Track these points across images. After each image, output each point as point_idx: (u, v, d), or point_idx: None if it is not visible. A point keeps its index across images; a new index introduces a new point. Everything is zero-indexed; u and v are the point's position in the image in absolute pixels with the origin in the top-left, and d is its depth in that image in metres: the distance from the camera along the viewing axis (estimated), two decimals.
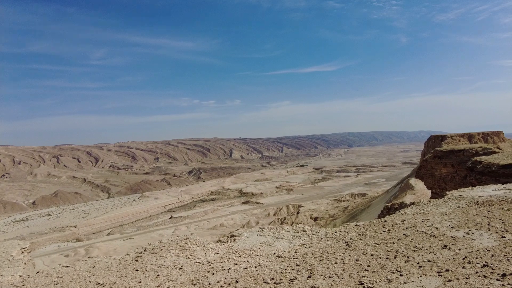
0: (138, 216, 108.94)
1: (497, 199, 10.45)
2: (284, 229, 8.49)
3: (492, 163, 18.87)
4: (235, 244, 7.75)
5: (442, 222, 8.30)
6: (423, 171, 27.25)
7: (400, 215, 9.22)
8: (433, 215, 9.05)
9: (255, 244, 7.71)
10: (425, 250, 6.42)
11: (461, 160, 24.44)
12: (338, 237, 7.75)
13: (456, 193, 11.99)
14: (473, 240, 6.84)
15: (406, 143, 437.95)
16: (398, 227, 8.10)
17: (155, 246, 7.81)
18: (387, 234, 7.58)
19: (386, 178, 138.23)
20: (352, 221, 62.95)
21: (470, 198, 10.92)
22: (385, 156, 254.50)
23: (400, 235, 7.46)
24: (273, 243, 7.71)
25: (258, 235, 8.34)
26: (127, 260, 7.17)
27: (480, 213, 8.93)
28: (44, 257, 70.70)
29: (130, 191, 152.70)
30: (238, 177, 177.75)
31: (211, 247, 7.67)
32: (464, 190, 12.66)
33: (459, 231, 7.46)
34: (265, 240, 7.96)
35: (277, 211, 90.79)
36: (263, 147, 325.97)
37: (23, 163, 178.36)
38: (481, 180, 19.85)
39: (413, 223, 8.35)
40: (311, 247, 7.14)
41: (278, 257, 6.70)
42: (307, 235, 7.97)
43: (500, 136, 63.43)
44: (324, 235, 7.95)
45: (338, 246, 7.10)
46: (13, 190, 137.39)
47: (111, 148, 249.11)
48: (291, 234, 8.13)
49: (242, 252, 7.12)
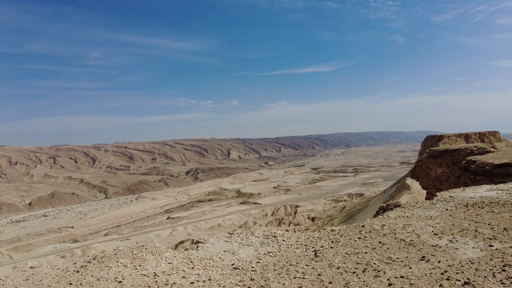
0: (136, 217, 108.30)
1: (488, 200, 9.92)
2: (255, 234, 7.99)
3: (486, 163, 18.32)
4: (195, 253, 7.29)
5: (425, 227, 7.68)
6: (418, 171, 26.81)
7: (381, 219, 8.63)
8: (417, 219, 8.43)
9: (218, 252, 7.22)
10: (399, 262, 5.71)
11: (456, 160, 23.97)
12: (309, 244, 7.20)
13: (447, 194, 11.46)
14: (456, 250, 6.17)
15: (403, 143, 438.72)
16: (376, 233, 7.46)
17: (106, 254, 7.26)
18: (362, 242, 6.95)
19: (383, 178, 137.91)
20: (350, 221, 62.48)
21: (460, 200, 10.36)
22: (383, 156, 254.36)
23: (376, 243, 6.81)
24: (237, 251, 7.23)
25: (224, 242, 7.93)
26: (68, 271, 6.59)
27: (468, 216, 8.34)
28: (40, 258, 70.07)
29: (128, 192, 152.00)
30: (235, 178, 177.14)
31: (167, 256, 7.14)
32: (455, 191, 12.23)
33: (442, 239, 6.83)
34: (230, 247, 7.51)
35: (275, 212, 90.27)
36: (261, 147, 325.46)
37: (20, 164, 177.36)
38: (475, 180, 19.30)
39: (393, 228, 7.72)
40: (277, 256, 6.60)
41: (234, 269, 6.12)
42: (277, 241, 7.50)
43: (497, 136, 63.18)
44: (295, 241, 7.45)
45: (305, 255, 6.51)
46: (9, 191, 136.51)
47: (108, 148, 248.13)
48: (260, 240, 7.69)
49: (198, 262, 6.55)
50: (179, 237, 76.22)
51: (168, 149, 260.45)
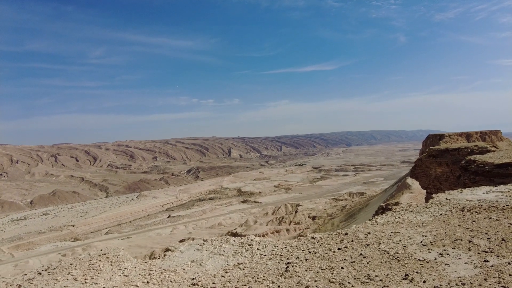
0: (136, 215, 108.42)
1: (486, 204, 9.26)
2: (230, 242, 7.53)
3: (486, 162, 17.64)
4: (159, 263, 6.74)
5: (414, 236, 6.96)
6: (418, 171, 26.18)
7: (367, 226, 8.03)
8: (407, 226, 7.74)
9: (184, 262, 6.71)
10: (378, 281, 5.01)
11: (456, 159, 23.41)
12: (284, 254, 6.63)
13: (443, 196, 10.86)
14: (446, 266, 5.41)
15: (404, 142, 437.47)
16: (359, 243, 6.81)
17: (62, 264, 6.77)
18: (341, 254, 6.30)
19: (384, 177, 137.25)
20: (350, 220, 61.93)
21: (457, 203, 9.71)
22: (384, 155, 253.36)
23: (356, 256, 6.13)
24: (206, 261, 6.72)
25: (195, 250, 7.43)
26: (12, 285, 6.00)
27: (463, 223, 7.65)
28: (41, 256, 70.21)
29: (128, 190, 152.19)
30: (236, 176, 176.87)
31: (126, 267, 6.64)
32: (452, 192, 11.72)
33: (431, 251, 6.08)
34: (199, 257, 7.00)
35: (276, 210, 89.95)
36: (261, 146, 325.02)
37: (21, 162, 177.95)
38: (474, 180, 18.64)
39: (379, 237, 7.04)
40: (246, 269, 6.05)
41: (193, 285, 5.60)
42: (251, 251, 7.03)
43: (498, 135, 62.48)
44: (270, 251, 6.91)
45: (276, 269, 5.93)
46: (10, 189, 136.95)
47: (109, 147, 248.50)
48: (234, 249, 7.29)
49: (157, 276, 6.01)
50: (179, 236, 76.10)
51: (169, 148, 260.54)
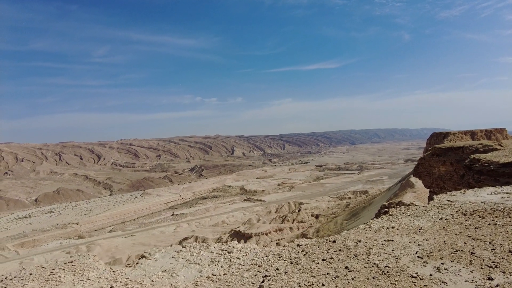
0: (140, 213, 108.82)
1: (491, 207, 8.50)
2: (209, 248, 7.17)
3: (491, 161, 16.92)
4: (129, 272, 6.40)
5: (409, 246, 6.23)
6: (421, 169, 25.47)
7: (358, 232, 7.38)
8: (402, 233, 7.01)
9: (155, 272, 6.29)
10: None
11: (460, 158, 22.72)
12: (264, 265, 6.09)
13: (445, 198, 10.16)
14: (443, 284, 4.67)
15: (408, 140, 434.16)
16: (346, 253, 6.15)
17: (21, 273, 6.36)
18: (325, 266, 5.65)
19: (388, 175, 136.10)
20: (354, 218, 61.37)
21: (459, 206, 8.96)
22: (388, 154, 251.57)
23: (341, 269, 5.46)
24: (178, 271, 6.29)
25: (171, 258, 7.05)
26: None
27: (465, 230, 6.88)
28: (46, 254, 70.71)
29: (132, 188, 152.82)
30: (240, 175, 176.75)
31: (89, 277, 6.25)
32: (455, 193, 11.07)
33: (426, 265, 5.30)
34: (173, 266, 6.57)
35: (279, 209, 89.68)
36: (265, 145, 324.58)
37: (26, 161, 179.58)
38: (479, 180, 17.91)
39: (369, 246, 6.35)
40: (217, 283, 5.60)
41: None
42: (230, 259, 6.57)
43: (504, 133, 61.27)
44: (250, 260, 6.40)
45: (250, 283, 5.43)
46: (16, 187, 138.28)
47: (113, 145, 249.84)
48: (212, 257, 6.88)
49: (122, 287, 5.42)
50: (183, 234, 76.18)
51: (172, 146, 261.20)
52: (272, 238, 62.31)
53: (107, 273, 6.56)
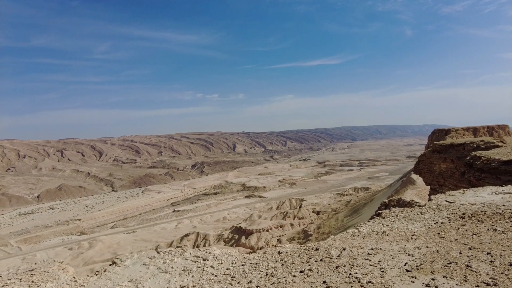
0: (142, 210, 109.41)
1: (491, 210, 7.95)
2: (184, 255, 7.01)
3: (492, 159, 17.04)
4: (92, 282, 6.16)
5: (398, 256, 5.67)
6: (421, 166, 25.49)
7: (345, 238, 7.00)
8: (393, 240, 6.43)
9: (121, 282, 6.11)
10: None
11: (461, 155, 22.82)
12: (237, 276, 5.86)
13: (443, 198, 9.76)
14: None
15: (410, 136, 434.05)
16: (327, 263, 5.66)
17: None
18: (301, 280, 5.22)
19: (389, 172, 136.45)
20: (355, 215, 61.84)
21: (457, 208, 8.40)
22: (389, 150, 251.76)
23: (318, 284, 4.97)
24: (145, 281, 6.09)
25: (142, 264, 6.82)
26: None
27: (461, 237, 6.25)
28: (48, 250, 71.41)
29: (134, 185, 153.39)
30: (241, 171, 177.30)
31: None
32: (453, 193, 10.73)
33: (415, 280, 4.65)
34: (141, 274, 6.36)
35: (280, 205, 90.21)
36: (266, 141, 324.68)
37: (28, 157, 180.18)
38: (480, 177, 18.05)
39: (354, 256, 5.85)
40: None
41: None
42: (202, 268, 6.38)
43: (506, 129, 61.38)
44: (224, 270, 6.21)
45: None
46: (18, 183, 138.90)
47: (115, 142, 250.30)
48: (185, 265, 6.69)
49: None
50: (184, 230, 76.78)
51: (174, 143, 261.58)
52: (273, 234, 62.87)
53: (67, 283, 6.30)
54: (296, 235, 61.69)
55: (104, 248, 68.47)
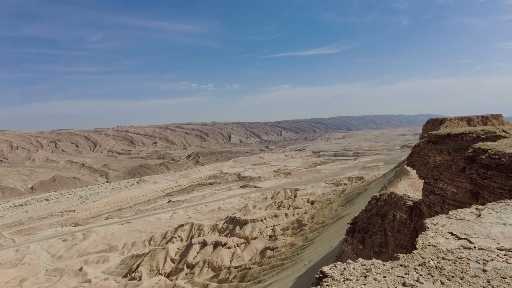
0: (137, 200, 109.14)
1: None
2: None
3: (502, 153, 14.24)
4: None
5: None
6: (415, 158, 24.10)
7: None
8: None
9: None
10: None
11: (459, 146, 21.63)
12: None
13: (443, 231, 5.15)
14: None
15: (405, 126, 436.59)
16: None
17: None
18: None
19: (384, 161, 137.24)
20: (349, 204, 62.10)
21: (474, 261, 3.94)
22: (384, 140, 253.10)
23: None
24: None
25: None
26: None
27: None
28: (42, 241, 71.05)
29: (129, 176, 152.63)
30: (236, 161, 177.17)
31: None
32: (462, 215, 6.02)
33: None
34: None
35: (275, 195, 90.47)
36: (261, 131, 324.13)
37: (21, 148, 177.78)
38: (485, 176, 15.49)
39: None
40: None
41: None
42: None
43: (500, 119, 61.18)
44: None
45: None
46: (11, 175, 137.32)
47: (109, 132, 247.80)
48: None
49: None
50: (179, 220, 76.83)
51: (169, 133, 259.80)
52: (268, 224, 63.08)
53: None
54: (290, 225, 61.98)
55: (98, 239, 68.28)
